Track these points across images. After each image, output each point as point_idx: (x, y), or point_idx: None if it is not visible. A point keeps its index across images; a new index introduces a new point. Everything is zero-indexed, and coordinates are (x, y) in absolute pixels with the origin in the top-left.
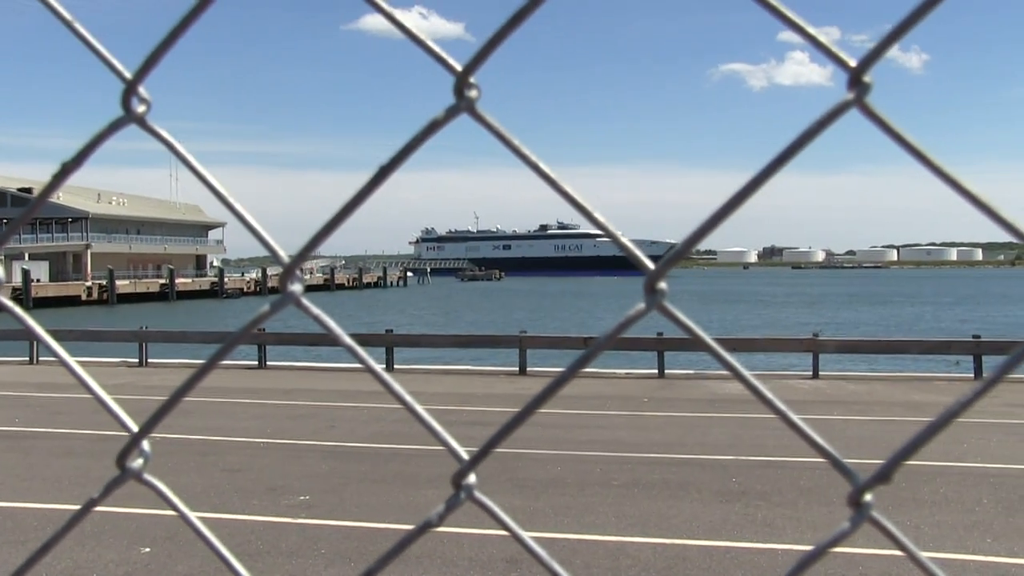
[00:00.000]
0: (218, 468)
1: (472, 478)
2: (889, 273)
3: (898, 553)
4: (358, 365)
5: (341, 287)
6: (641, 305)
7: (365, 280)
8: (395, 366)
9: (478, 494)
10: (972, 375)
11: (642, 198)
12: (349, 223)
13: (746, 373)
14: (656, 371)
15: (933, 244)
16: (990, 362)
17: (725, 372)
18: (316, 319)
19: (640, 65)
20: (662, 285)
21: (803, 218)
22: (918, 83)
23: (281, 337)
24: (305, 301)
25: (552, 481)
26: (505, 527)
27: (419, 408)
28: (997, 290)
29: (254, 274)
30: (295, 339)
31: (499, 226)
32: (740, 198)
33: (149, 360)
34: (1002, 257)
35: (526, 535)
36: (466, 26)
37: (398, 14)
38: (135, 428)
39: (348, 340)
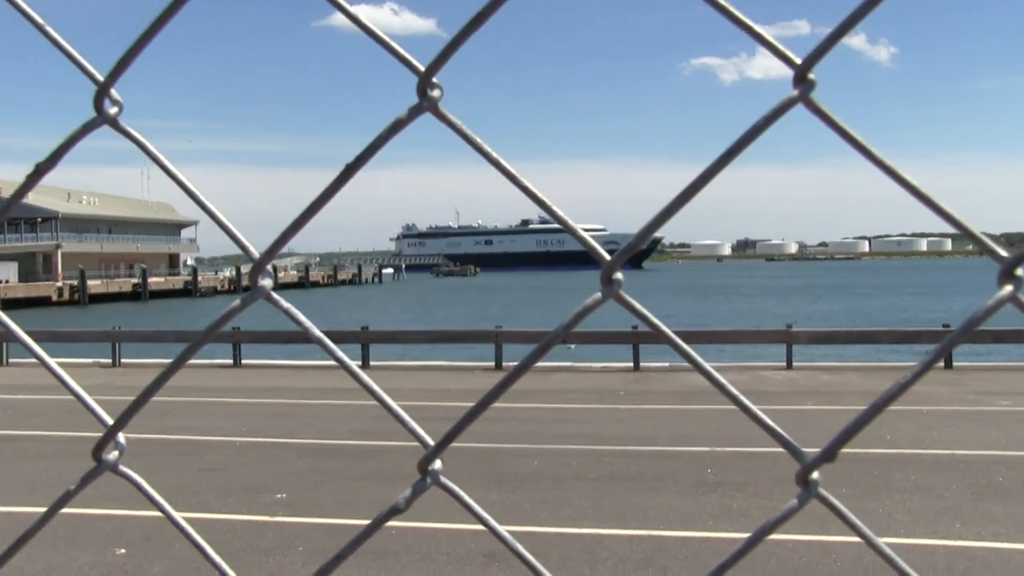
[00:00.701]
0: (195, 467)
1: (438, 464)
2: (861, 264)
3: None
4: (335, 362)
5: (316, 284)
6: (598, 295)
7: (340, 277)
8: (371, 363)
9: (444, 479)
10: (942, 363)
11: (615, 192)
12: (324, 221)
13: (701, 360)
14: (632, 365)
15: (904, 235)
16: (959, 350)
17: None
18: (287, 313)
19: (611, 60)
20: (618, 275)
21: (776, 210)
22: (886, 76)
23: (257, 335)
24: (275, 296)
25: (529, 475)
26: (472, 512)
27: (386, 397)
28: (964, 279)
29: (228, 272)
30: (270, 337)
31: (480, 222)
32: (690, 193)
33: (122, 360)
34: (971, 247)
35: (494, 521)
36: (438, 22)
37: (361, 14)
38: (110, 421)
39: (318, 333)
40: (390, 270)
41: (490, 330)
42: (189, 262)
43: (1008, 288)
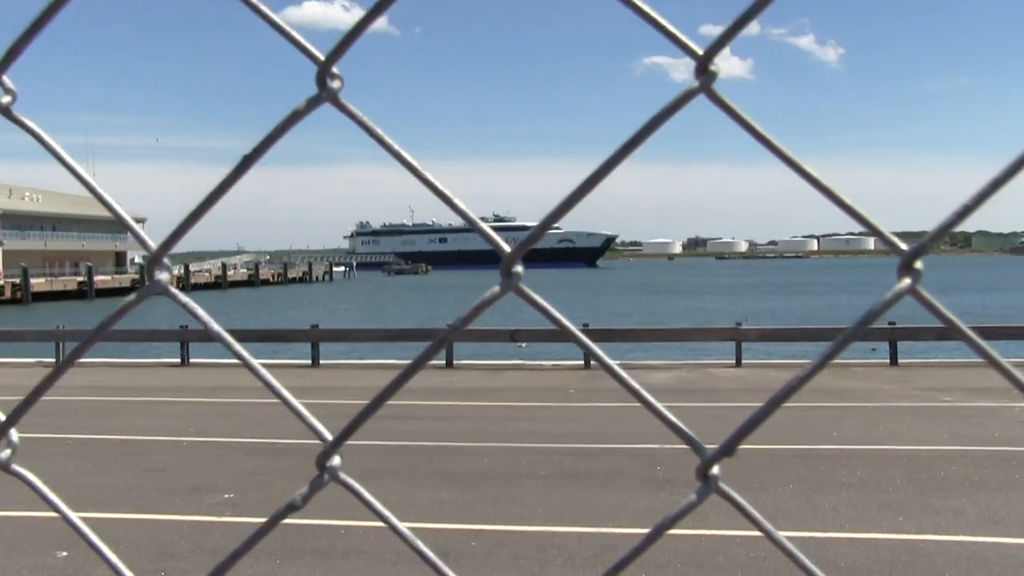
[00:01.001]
0: (140, 468)
1: (336, 460)
2: (810, 263)
3: (821, 534)
4: (286, 361)
5: (266, 283)
6: (496, 288)
7: (290, 275)
8: (321, 361)
9: (343, 476)
10: (888, 360)
11: (567, 191)
12: (275, 218)
13: (604, 356)
14: (582, 362)
15: (852, 234)
16: (905, 347)
17: (651, 362)
18: (185, 307)
19: (562, 59)
20: (518, 268)
21: (727, 209)
22: (834, 76)
23: (204, 334)
24: (173, 290)
25: (479, 473)
26: (372, 509)
27: (285, 392)
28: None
29: (176, 270)
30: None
31: (435, 219)
32: (590, 184)
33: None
34: None
35: (395, 519)
36: (389, 19)
37: (308, 11)
38: (2, 417)
39: (217, 328)
40: (341, 268)
41: (441, 328)
42: (137, 260)
43: (906, 281)
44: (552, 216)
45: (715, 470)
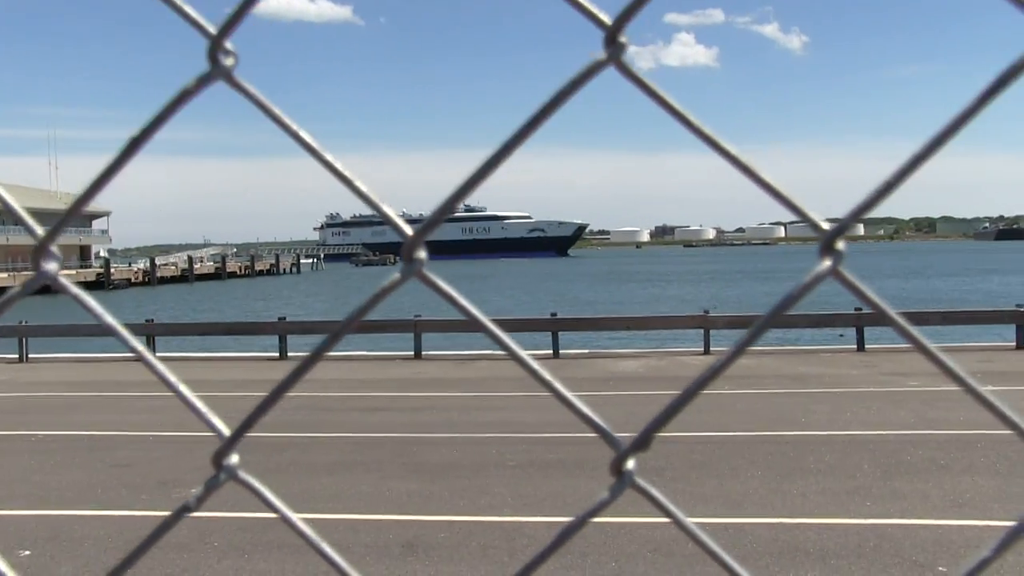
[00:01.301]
0: (106, 463)
1: (234, 458)
2: (777, 249)
3: (790, 520)
4: (254, 354)
5: (233, 275)
6: (397, 275)
7: (257, 268)
8: (288, 354)
9: (242, 474)
10: (855, 346)
11: (536, 180)
12: (242, 210)
13: (515, 346)
14: (551, 351)
15: None
16: (871, 333)
17: (620, 351)
18: (76, 299)
19: (522, 47)
20: (421, 254)
21: (694, 197)
22: (799, 64)
23: (171, 328)
24: (63, 280)
25: (448, 464)
26: (272, 508)
27: (181, 387)
28: (870, 264)
29: (142, 264)
30: (186, 329)
31: (405, 210)
32: (493, 164)
33: (30, 356)
34: (881, 232)
35: (294, 516)
36: (353, 9)
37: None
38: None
39: (110, 320)
40: (309, 260)
41: (409, 320)
42: (102, 253)
43: (827, 263)
44: (453, 198)
45: (630, 464)
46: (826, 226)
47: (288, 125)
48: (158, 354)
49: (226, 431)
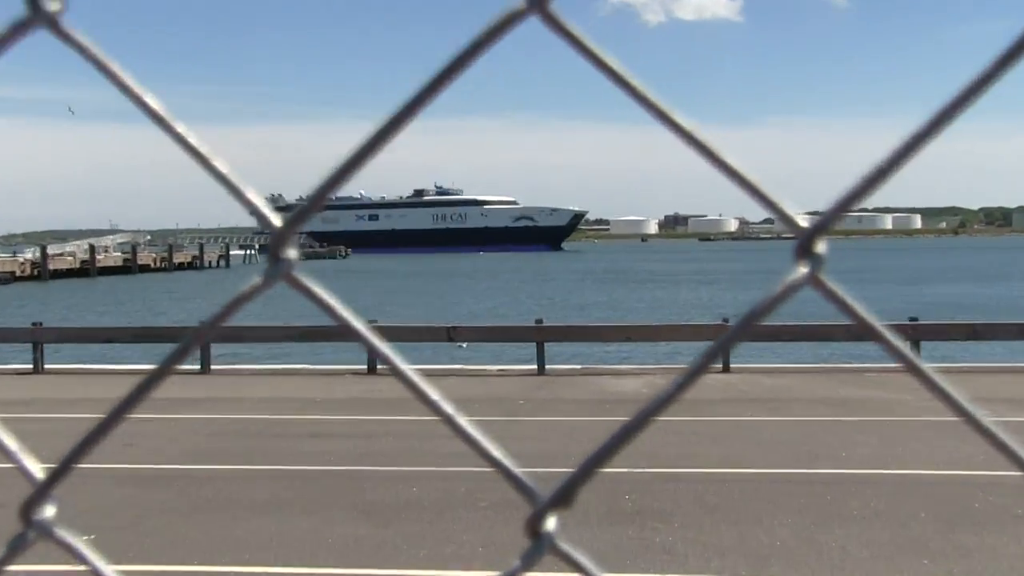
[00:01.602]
0: None
1: (50, 510)
2: None
3: None
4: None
5: (146, 268)
6: (257, 279)
7: (176, 260)
8: (212, 366)
9: (57, 530)
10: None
11: (512, 159)
12: (159, 188)
13: (398, 362)
14: (535, 367)
15: (865, 210)
16: (928, 348)
17: (618, 366)
18: None
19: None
20: (291, 253)
21: (711, 180)
22: (841, 18)
23: (65, 333)
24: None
25: (406, 504)
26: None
27: None
28: (936, 264)
29: (29, 254)
30: (83, 335)
31: (363, 192)
32: (391, 127)
33: None
34: (944, 224)
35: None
36: None
37: None
38: None
39: None
40: (240, 252)
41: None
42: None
43: (802, 270)
44: (330, 182)
45: (550, 525)
46: (804, 223)
47: (130, 87)
48: (48, 365)
49: (39, 476)
